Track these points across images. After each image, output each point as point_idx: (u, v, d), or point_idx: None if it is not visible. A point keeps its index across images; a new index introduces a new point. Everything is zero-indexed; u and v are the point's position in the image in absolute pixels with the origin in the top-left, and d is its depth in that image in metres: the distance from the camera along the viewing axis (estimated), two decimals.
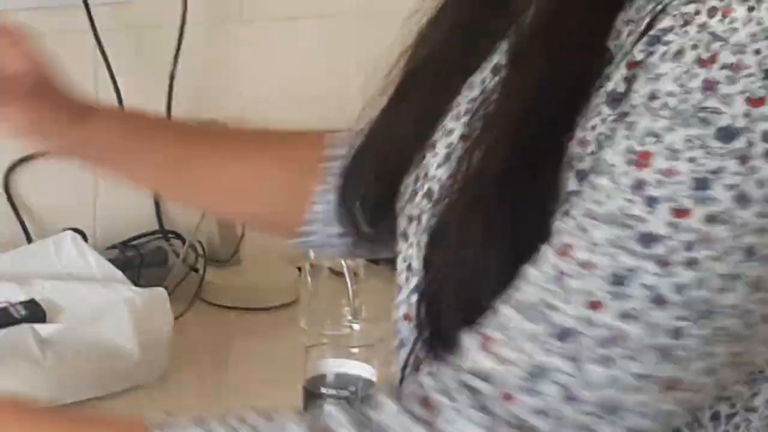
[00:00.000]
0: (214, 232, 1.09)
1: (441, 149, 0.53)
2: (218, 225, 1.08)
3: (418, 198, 0.53)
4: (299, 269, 1.03)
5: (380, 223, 0.60)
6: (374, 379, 0.79)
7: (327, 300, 0.99)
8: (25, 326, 0.84)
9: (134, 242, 1.07)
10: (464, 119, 0.53)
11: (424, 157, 0.54)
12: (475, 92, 0.53)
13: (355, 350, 0.84)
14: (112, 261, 0.98)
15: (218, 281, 1.07)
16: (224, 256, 1.09)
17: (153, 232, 1.09)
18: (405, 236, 0.54)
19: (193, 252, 1.06)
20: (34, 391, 0.76)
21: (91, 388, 0.83)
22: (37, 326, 0.85)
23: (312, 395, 0.79)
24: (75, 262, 0.96)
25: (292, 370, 0.83)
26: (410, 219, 0.54)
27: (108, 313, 0.87)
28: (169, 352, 0.90)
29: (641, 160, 0.40)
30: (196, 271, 1.04)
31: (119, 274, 0.96)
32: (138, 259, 1.03)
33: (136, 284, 0.95)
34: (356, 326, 0.92)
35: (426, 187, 0.53)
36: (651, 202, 0.39)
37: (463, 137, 0.51)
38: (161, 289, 0.93)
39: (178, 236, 1.09)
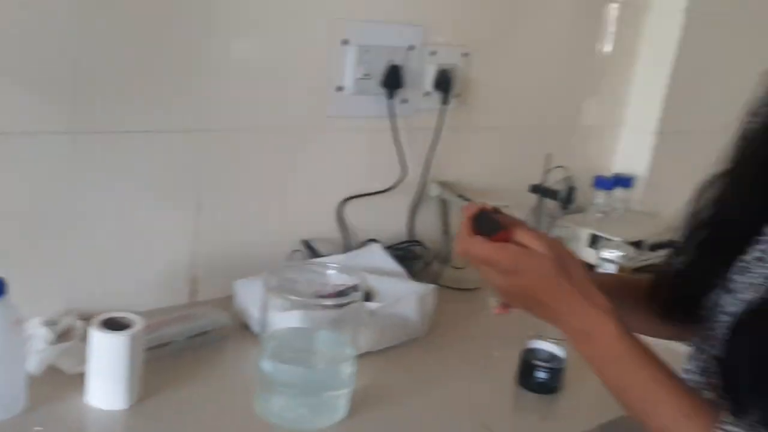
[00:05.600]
0: (441, 242, 1.69)
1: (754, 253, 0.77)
2: (443, 239, 1.68)
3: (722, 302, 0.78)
4: None
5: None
6: (565, 357, 1.20)
7: None
8: (360, 303, 1.12)
9: (398, 246, 1.61)
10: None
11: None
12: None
13: (552, 339, 1.21)
14: None
15: (443, 272, 1.62)
16: (446, 257, 1.66)
17: (407, 241, 1.65)
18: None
19: (430, 254, 1.65)
20: (362, 342, 1.18)
21: (392, 340, 1.30)
22: (367, 303, 1.28)
23: (526, 363, 1.23)
24: (379, 263, 1.46)
25: (493, 330, 1.43)
26: (729, 291, 0.78)
27: (405, 297, 1.34)
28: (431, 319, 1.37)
29: None
30: (429, 264, 1.61)
31: (403, 271, 1.46)
32: (400, 255, 1.54)
33: None
34: None
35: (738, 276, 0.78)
36: None
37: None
38: (432, 285, 1.42)
39: (422, 244, 1.66)
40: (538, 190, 1.75)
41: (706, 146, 0.87)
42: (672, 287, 0.89)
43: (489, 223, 0.77)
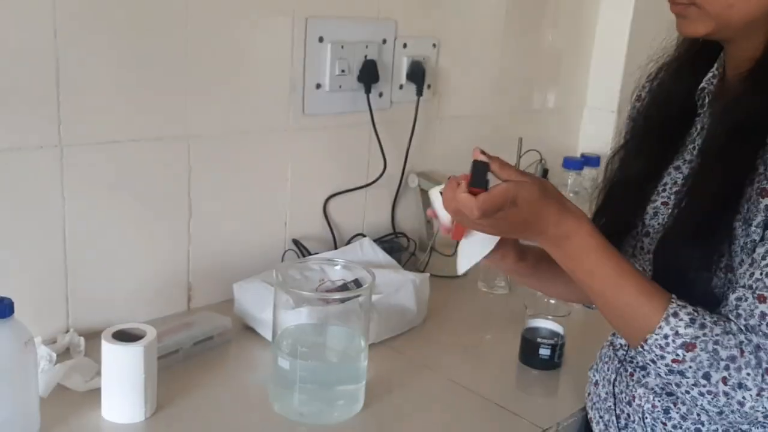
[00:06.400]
0: (424, 233, 1.72)
1: (659, 200, 0.99)
2: (425, 229, 1.72)
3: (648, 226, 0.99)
4: None
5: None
6: (564, 333, 1.26)
7: (492, 271, 1.60)
8: (368, 296, 1.13)
9: (383, 239, 1.63)
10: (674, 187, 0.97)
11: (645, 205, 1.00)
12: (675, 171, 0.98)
13: (550, 316, 1.27)
14: None
15: (429, 260, 1.65)
16: (431, 246, 1.65)
17: (391, 233, 1.67)
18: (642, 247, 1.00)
19: (414, 244, 1.69)
20: (367, 334, 1.13)
21: (393, 330, 1.33)
22: None
23: (528, 341, 1.27)
24: (370, 256, 1.50)
25: (485, 313, 1.53)
26: (647, 234, 0.99)
27: (402, 287, 1.36)
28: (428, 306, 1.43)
29: None
30: (414, 254, 1.66)
31: (395, 262, 1.51)
32: (387, 247, 1.56)
33: None
34: (552, 301, 1.30)
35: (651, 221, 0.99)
36: None
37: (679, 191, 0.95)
38: (427, 273, 1.46)
39: (405, 236, 1.69)
40: None
41: None
42: None
43: (480, 178, 0.84)
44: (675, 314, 0.81)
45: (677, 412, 0.92)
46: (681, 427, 0.92)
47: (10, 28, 1.08)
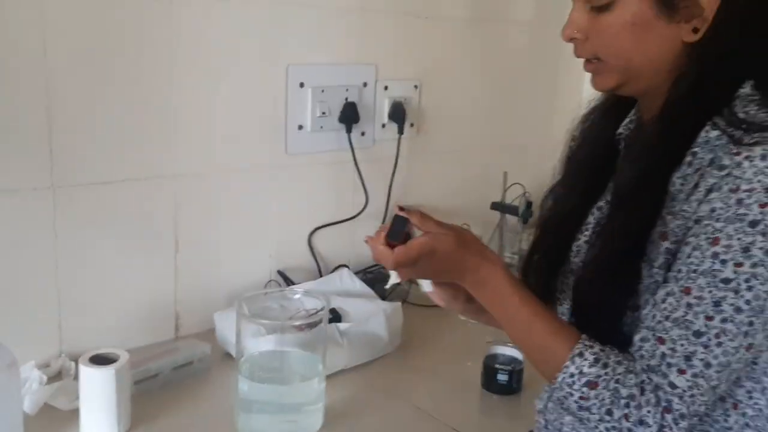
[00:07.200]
0: None
1: (582, 238, 1.02)
2: None
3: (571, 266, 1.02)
4: None
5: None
6: (523, 360, 1.33)
7: None
8: (331, 325, 1.35)
9: (369, 270, 1.71)
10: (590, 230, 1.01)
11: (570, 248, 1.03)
12: (597, 211, 1.01)
13: (509, 344, 1.33)
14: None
15: (411, 291, 1.70)
16: None
17: (375, 265, 1.66)
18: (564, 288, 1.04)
19: None
20: (337, 361, 1.33)
21: (363, 357, 1.41)
22: (338, 324, 1.40)
23: (488, 367, 1.35)
24: (349, 286, 1.59)
25: (460, 342, 1.55)
26: (571, 272, 1.02)
27: (373, 316, 1.45)
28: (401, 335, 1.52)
29: (715, 241, 0.79)
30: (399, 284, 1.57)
31: (372, 292, 1.59)
32: (370, 278, 1.66)
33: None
34: None
35: (575, 259, 1.02)
36: (722, 262, 0.79)
37: (597, 231, 0.99)
38: (399, 303, 1.54)
39: None
40: (499, 207, 1.86)
41: None
42: (533, 276, 1.09)
43: (397, 232, 0.94)
44: (581, 354, 0.87)
45: None
46: None
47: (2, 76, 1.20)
